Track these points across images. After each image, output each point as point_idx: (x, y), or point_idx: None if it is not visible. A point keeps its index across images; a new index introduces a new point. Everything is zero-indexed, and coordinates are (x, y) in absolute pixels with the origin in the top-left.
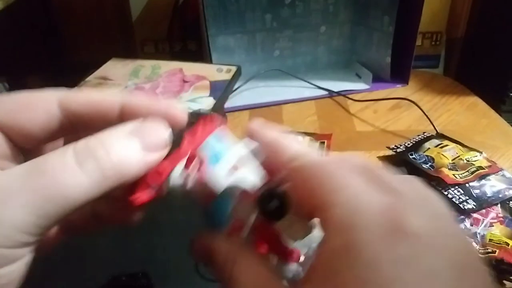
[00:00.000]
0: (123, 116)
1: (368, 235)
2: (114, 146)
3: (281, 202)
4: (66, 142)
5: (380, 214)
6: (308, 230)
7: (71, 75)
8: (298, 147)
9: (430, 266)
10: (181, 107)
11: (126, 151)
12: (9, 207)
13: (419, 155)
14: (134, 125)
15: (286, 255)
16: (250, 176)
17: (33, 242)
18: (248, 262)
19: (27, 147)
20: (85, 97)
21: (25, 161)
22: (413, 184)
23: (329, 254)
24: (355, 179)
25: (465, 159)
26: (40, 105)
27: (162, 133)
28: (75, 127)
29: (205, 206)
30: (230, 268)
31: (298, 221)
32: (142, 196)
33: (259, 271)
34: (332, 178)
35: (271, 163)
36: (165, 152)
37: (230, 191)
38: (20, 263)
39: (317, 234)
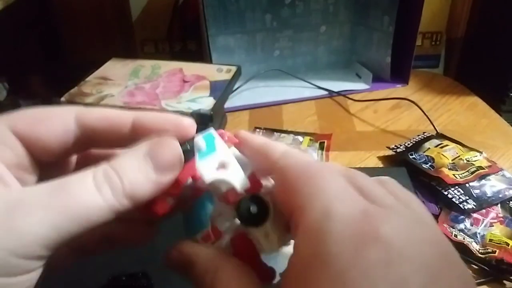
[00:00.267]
0: (134, 131)
1: (339, 244)
2: (127, 172)
3: (260, 208)
4: (79, 162)
5: (354, 222)
6: (284, 243)
7: (71, 75)
8: (286, 148)
9: (401, 275)
10: (190, 120)
11: (138, 177)
12: (31, 220)
13: (419, 155)
14: (147, 147)
15: (261, 274)
16: (236, 178)
17: (46, 256)
18: (230, 272)
19: (44, 160)
20: (100, 112)
21: (42, 174)
22: (393, 189)
23: (300, 263)
24: (336, 180)
25: (465, 159)
26: (58, 118)
27: (174, 154)
28: (90, 142)
29: (187, 208)
30: (211, 279)
31: (275, 232)
32: (162, 206)
33: (243, 281)
34: (312, 180)
35: (258, 167)
36: (177, 171)
37: (215, 187)
38: (31, 275)
39: (290, 249)
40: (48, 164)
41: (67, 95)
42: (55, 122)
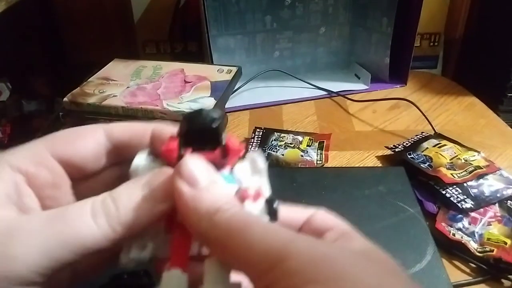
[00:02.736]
0: (154, 140)
1: None
2: (124, 200)
3: None
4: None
5: None
6: None
7: (73, 75)
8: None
9: None
10: None
11: (134, 205)
12: (24, 246)
13: (418, 155)
14: (146, 178)
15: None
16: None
17: (41, 283)
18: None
19: (81, 177)
20: (124, 124)
21: (77, 192)
22: None
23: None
24: None
25: (463, 158)
26: (90, 134)
27: (170, 186)
28: (118, 154)
29: None
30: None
31: None
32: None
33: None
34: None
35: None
36: (172, 201)
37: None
38: None
39: None
40: (84, 180)
41: (70, 95)
42: (88, 138)
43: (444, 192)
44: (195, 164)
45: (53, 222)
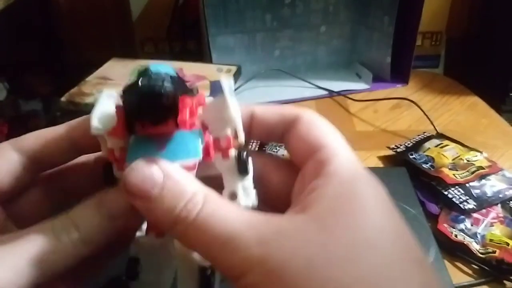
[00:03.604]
0: (73, 142)
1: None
2: (82, 222)
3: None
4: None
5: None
6: (256, 200)
7: (71, 75)
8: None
9: None
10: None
11: (93, 225)
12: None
13: (419, 155)
14: (99, 198)
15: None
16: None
17: None
18: (219, 202)
19: (7, 197)
20: (35, 134)
21: (9, 210)
22: None
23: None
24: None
25: (465, 159)
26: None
27: (123, 202)
28: (39, 165)
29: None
30: (197, 202)
31: (252, 188)
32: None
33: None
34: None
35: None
36: (127, 217)
37: (221, 127)
38: None
39: None
40: (14, 199)
41: (67, 95)
42: None
43: (446, 192)
44: (139, 175)
45: (21, 244)
